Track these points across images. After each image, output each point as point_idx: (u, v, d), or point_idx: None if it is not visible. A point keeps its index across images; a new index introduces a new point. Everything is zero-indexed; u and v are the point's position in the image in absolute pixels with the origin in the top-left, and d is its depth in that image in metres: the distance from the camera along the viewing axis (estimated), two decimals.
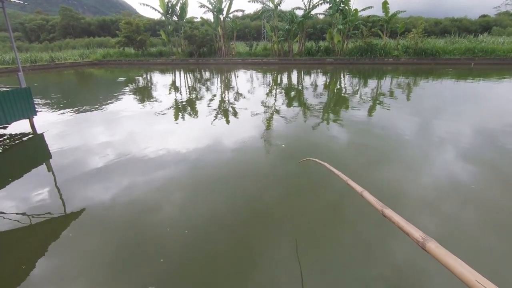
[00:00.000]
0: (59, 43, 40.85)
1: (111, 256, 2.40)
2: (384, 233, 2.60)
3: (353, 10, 20.03)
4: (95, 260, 2.36)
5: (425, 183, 3.49)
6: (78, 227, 2.77)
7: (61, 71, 20.73)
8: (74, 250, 2.47)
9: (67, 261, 2.36)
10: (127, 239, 2.58)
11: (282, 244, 2.49)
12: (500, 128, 5.53)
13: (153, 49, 27.88)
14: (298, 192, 3.41)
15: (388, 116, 6.62)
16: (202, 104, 8.37)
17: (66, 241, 2.59)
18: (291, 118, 6.53)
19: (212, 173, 3.84)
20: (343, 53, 21.01)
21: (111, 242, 2.56)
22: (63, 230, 2.72)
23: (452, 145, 4.65)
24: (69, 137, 5.42)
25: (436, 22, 45.30)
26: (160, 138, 5.26)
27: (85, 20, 55.98)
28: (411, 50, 19.51)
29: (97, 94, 11.25)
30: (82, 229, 2.74)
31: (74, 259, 2.38)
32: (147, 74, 17.59)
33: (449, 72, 14.74)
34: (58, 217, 2.94)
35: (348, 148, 4.78)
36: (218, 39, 23.71)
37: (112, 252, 2.45)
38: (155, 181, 3.61)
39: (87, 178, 3.74)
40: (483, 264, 2.25)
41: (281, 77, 14.89)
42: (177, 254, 2.39)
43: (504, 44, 19.85)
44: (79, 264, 2.32)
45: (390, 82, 12.08)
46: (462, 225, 2.74)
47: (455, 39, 22.66)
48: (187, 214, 2.95)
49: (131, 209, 3.02)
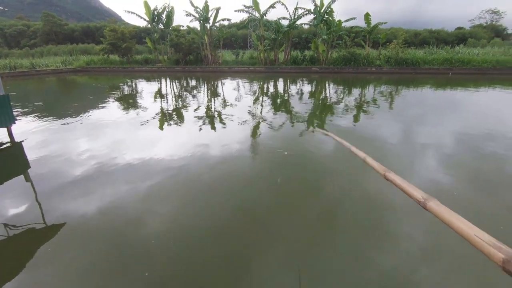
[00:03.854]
0: (40, 50, 39.90)
1: (93, 270, 2.31)
2: (377, 237, 2.64)
3: (337, 21, 20.60)
4: (75, 275, 2.27)
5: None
6: (58, 240, 2.66)
7: (42, 78, 20.17)
8: (53, 265, 2.37)
9: (45, 277, 2.25)
10: (110, 252, 2.50)
11: (274, 255, 2.48)
12: (477, 133, 5.77)
13: (139, 57, 27.61)
14: (291, 199, 3.41)
15: (371, 122, 6.79)
16: (188, 112, 8.32)
17: (45, 255, 2.48)
18: (279, 125, 6.58)
19: (198, 182, 3.80)
20: (328, 62, 21.50)
21: (93, 255, 2.47)
22: (42, 243, 2.60)
23: (433, 149, 4.80)
24: (50, 146, 5.25)
25: (415, 33, 47.21)
26: (145, 147, 5.17)
27: (69, 27, 55.00)
28: (393, 60, 20.21)
29: (80, 102, 10.99)
30: (62, 243, 2.63)
31: (53, 274, 2.28)
32: (132, 81, 17.36)
33: (429, 81, 15.32)
34: (36, 230, 2.82)
35: (336, 152, 4.86)
36: (204, 47, 23.78)
37: (94, 266, 2.36)
38: (140, 191, 3.53)
39: (68, 189, 3.61)
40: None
41: (267, 86, 15.03)
42: (162, 267, 2.32)
43: (479, 55, 20.95)
44: (59, 280, 2.22)
45: (374, 90, 12.43)
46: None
47: (434, 50, 23.70)
48: (173, 225, 2.88)
49: (114, 220, 2.94)
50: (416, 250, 2.52)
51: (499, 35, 52.76)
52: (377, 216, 3.02)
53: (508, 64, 18.76)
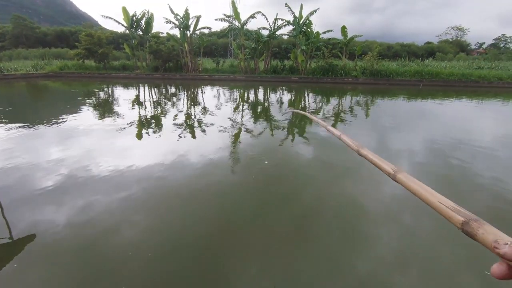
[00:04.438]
0: (9, 53, 37.87)
1: (67, 286, 2.18)
2: (351, 245, 2.69)
3: (315, 32, 21.27)
4: None
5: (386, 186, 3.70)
6: (26, 255, 2.49)
7: (10, 83, 19.11)
8: (20, 284, 2.20)
9: None
10: (84, 267, 2.36)
11: (255, 265, 2.45)
12: (445, 139, 6.10)
13: (116, 63, 26.89)
14: (269, 209, 3.41)
15: (349, 129, 7.00)
16: (167, 120, 8.17)
17: (11, 273, 2.30)
18: (259, 133, 6.61)
19: (177, 191, 3.71)
20: (306, 72, 22.05)
21: (65, 271, 2.32)
22: (8, 260, 2.42)
23: (406, 154, 5.02)
24: (17, 155, 4.94)
25: (388, 46, 49.61)
26: (120, 156, 5.00)
27: (41, 30, 52.74)
28: (368, 71, 21.09)
29: (52, 108, 10.49)
30: (31, 258, 2.46)
31: None
32: (109, 88, 16.86)
33: (402, 92, 16.09)
34: (2, 245, 2.62)
35: (314, 158, 4.94)
36: (184, 55, 23.62)
37: (67, 282, 2.22)
38: (115, 201, 3.39)
39: (37, 200, 3.40)
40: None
41: (248, 94, 15.12)
42: (140, 280, 2.22)
43: (446, 68, 22.35)
44: None
45: (350, 100, 12.87)
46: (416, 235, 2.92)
47: (406, 62, 25.00)
48: (151, 236, 2.79)
49: (88, 233, 2.79)
50: (392, 257, 2.60)
51: (463, 50, 56.68)
52: (355, 224, 3.09)
53: (472, 77, 20.13)
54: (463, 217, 0.49)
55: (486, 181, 4.13)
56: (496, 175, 4.32)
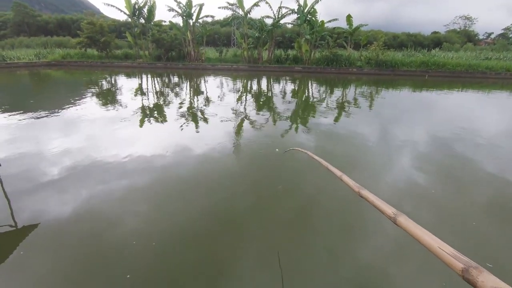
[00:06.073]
0: (11, 41, 37.68)
1: (72, 274, 2.21)
2: (350, 237, 2.70)
3: (320, 21, 20.87)
4: (52, 280, 2.16)
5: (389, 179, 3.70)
6: (31, 243, 2.53)
7: (13, 72, 19.09)
8: (26, 270, 2.24)
9: (17, 284, 2.13)
10: (89, 255, 2.40)
11: (256, 255, 2.47)
12: (450, 131, 6.04)
13: (118, 52, 26.68)
14: (272, 199, 3.41)
15: (352, 120, 6.94)
16: (170, 109, 8.15)
17: (17, 259, 2.34)
18: (261, 123, 6.58)
19: (181, 181, 3.73)
20: (310, 62, 21.76)
21: (70, 258, 2.36)
22: (13, 247, 2.46)
23: (409, 146, 4.98)
24: (21, 144, 4.97)
25: (394, 36, 48.64)
26: (125, 145, 5.01)
27: (42, 18, 52.28)
28: (373, 61, 20.76)
29: (55, 97, 10.50)
30: (36, 245, 2.50)
31: (26, 280, 2.16)
32: (112, 77, 16.80)
33: (407, 83, 15.87)
34: (7, 233, 2.66)
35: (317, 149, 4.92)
36: (187, 44, 23.37)
37: (72, 269, 2.25)
38: (119, 191, 3.41)
39: (41, 189, 3.44)
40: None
41: (251, 84, 15.00)
42: (145, 269, 2.25)
43: (453, 58, 21.91)
44: (33, 286, 2.11)
45: (355, 90, 12.73)
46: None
47: (411, 53, 24.58)
48: (155, 225, 2.81)
49: (93, 221, 2.82)
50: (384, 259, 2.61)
51: (471, 40, 55.46)
52: (352, 217, 3.09)
53: (479, 68, 19.77)
54: (463, 264, 0.51)
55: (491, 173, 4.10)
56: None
